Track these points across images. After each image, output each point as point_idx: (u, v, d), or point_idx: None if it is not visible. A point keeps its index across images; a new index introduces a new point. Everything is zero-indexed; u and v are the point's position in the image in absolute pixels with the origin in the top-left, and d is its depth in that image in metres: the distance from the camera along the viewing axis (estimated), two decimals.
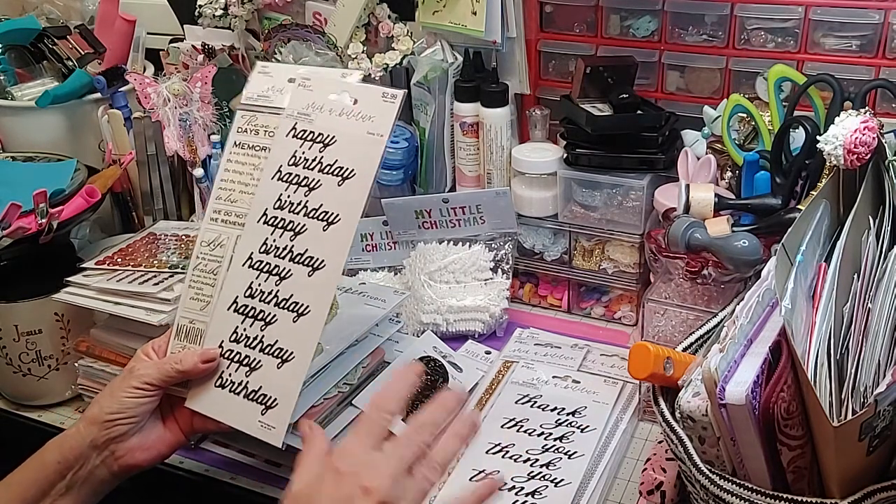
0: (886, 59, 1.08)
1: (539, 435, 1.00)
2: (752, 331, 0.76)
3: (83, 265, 1.08)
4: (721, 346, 0.75)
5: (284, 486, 0.97)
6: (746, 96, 1.10)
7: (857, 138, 0.81)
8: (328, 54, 1.28)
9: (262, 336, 0.85)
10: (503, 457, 0.97)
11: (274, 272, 0.85)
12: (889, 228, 0.78)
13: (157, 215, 1.31)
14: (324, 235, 0.83)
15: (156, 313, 0.98)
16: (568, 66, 1.26)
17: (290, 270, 0.84)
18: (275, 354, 0.84)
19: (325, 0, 1.33)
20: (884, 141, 0.83)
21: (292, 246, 0.84)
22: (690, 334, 0.88)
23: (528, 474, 0.94)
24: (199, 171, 1.24)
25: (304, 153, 0.86)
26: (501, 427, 1.01)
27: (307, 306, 0.83)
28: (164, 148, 1.26)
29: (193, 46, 1.41)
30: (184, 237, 1.12)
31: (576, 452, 0.97)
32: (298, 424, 0.80)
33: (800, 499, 0.69)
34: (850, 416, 0.67)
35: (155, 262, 1.06)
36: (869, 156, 0.82)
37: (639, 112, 1.17)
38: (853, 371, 0.69)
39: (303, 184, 0.85)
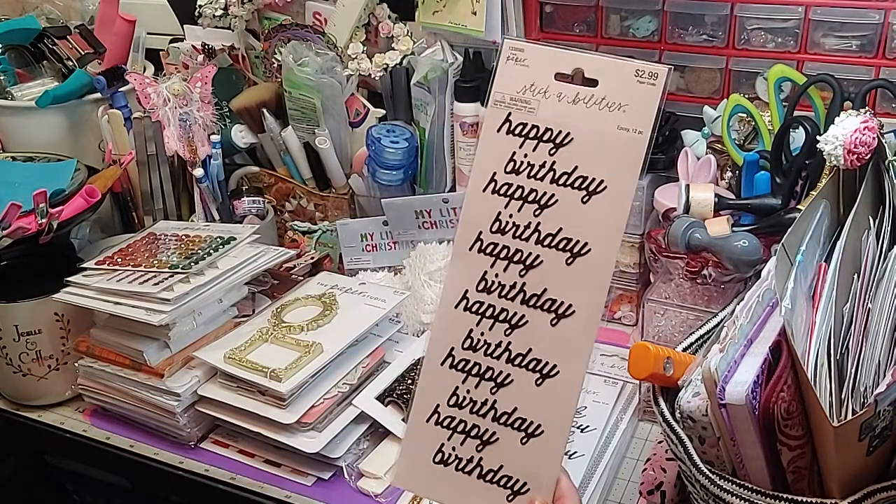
0: (886, 59, 1.08)
1: None
2: (752, 331, 0.75)
3: (83, 265, 1.08)
4: (721, 346, 0.75)
5: (284, 486, 0.98)
6: (746, 96, 1.10)
7: (857, 138, 0.81)
8: (328, 54, 1.28)
9: (495, 401, 0.65)
10: None
11: (501, 318, 0.65)
12: (889, 228, 0.78)
13: (157, 215, 1.31)
14: (568, 271, 0.63)
15: (156, 313, 0.98)
16: None
17: (523, 317, 0.64)
18: (515, 426, 0.64)
19: (325, 0, 1.33)
20: (884, 141, 0.83)
21: (523, 284, 0.64)
22: (690, 334, 0.88)
23: None
24: (199, 171, 1.24)
25: (525, 156, 0.64)
26: None
27: (553, 366, 0.63)
28: (164, 148, 1.26)
29: (193, 46, 1.41)
30: (184, 237, 1.12)
31: (576, 452, 0.97)
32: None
33: (800, 499, 0.69)
34: (850, 416, 0.67)
35: (155, 262, 1.06)
36: (869, 156, 0.82)
37: None
38: (853, 371, 0.69)
39: (529, 199, 0.64)
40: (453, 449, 0.66)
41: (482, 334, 0.65)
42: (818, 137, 0.85)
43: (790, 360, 0.70)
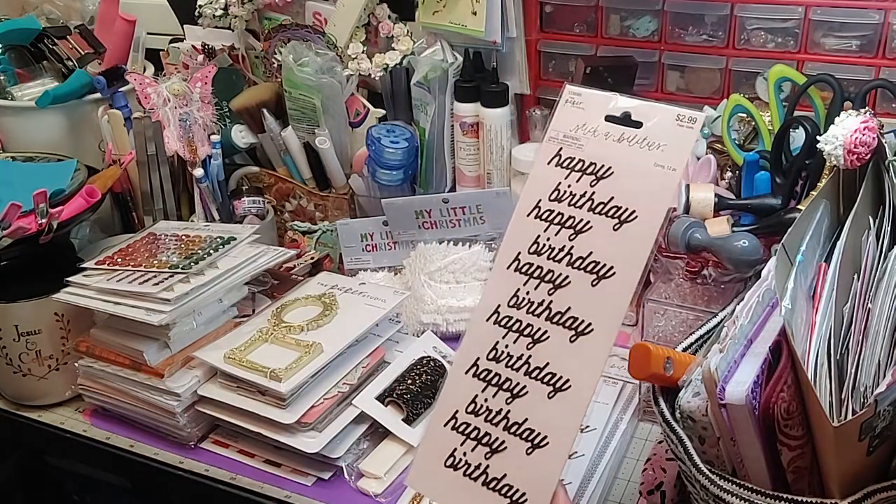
0: (886, 59, 1.08)
1: None
2: (752, 331, 0.75)
3: (83, 265, 1.08)
4: (721, 346, 0.75)
5: (284, 486, 0.98)
6: (746, 96, 1.10)
7: (857, 138, 0.81)
8: (328, 54, 1.28)
9: (508, 411, 0.68)
10: None
11: (526, 332, 0.69)
12: (889, 228, 0.78)
13: (157, 215, 1.31)
14: (592, 292, 0.67)
15: (156, 313, 0.98)
16: (568, 66, 1.26)
17: (546, 332, 0.68)
18: (523, 436, 0.67)
19: (325, 0, 1.33)
20: (884, 141, 0.83)
21: (550, 302, 0.68)
22: (690, 334, 0.88)
23: None
24: (199, 171, 1.24)
25: (569, 186, 0.70)
26: None
27: (567, 381, 0.67)
28: (164, 148, 1.26)
29: (193, 46, 1.41)
30: (184, 237, 1.12)
31: (576, 452, 0.97)
32: None
33: (800, 499, 0.69)
34: (850, 416, 0.67)
35: (155, 262, 1.06)
36: (869, 156, 0.82)
37: None
38: (853, 371, 0.69)
39: (567, 225, 0.69)
40: (464, 454, 0.69)
41: (506, 346, 0.69)
42: (818, 137, 0.85)
43: (790, 360, 0.70)
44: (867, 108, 0.97)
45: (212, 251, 1.07)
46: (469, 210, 1.22)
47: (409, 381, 1.03)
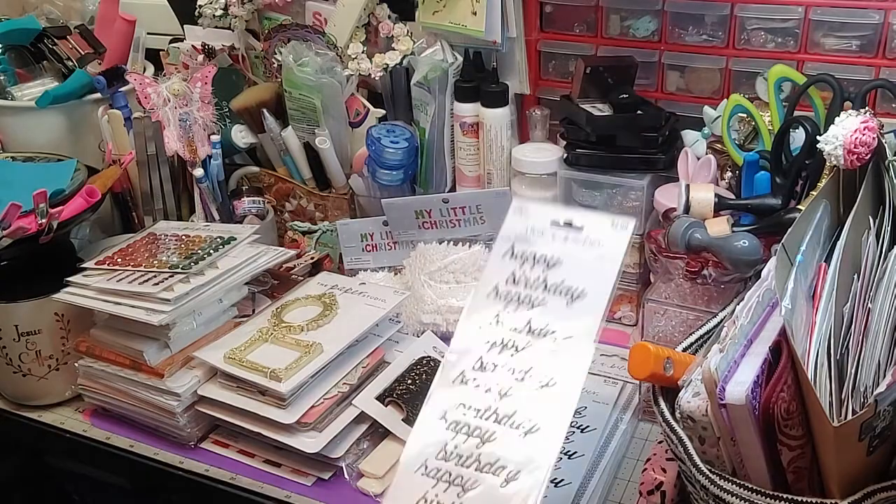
0: (886, 59, 1.08)
1: None
2: (752, 331, 0.76)
3: (83, 265, 1.08)
4: (721, 346, 0.75)
5: (284, 486, 0.98)
6: (746, 96, 1.10)
7: (857, 138, 0.81)
8: (328, 54, 1.28)
9: (479, 454, 0.74)
10: None
11: (493, 389, 0.76)
12: (889, 228, 0.78)
13: (157, 215, 1.31)
14: (552, 357, 0.75)
15: (156, 313, 0.99)
16: (568, 66, 1.26)
17: (511, 386, 0.76)
18: (496, 473, 0.73)
19: (325, 0, 1.33)
20: (884, 141, 0.83)
21: (514, 363, 0.76)
22: (690, 334, 0.88)
23: None
24: (199, 172, 1.24)
25: (524, 273, 0.79)
26: None
27: (535, 424, 0.73)
28: (164, 148, 1.26)
29: (193, 46, 1.41)
30: (184, 237, 1.12)
31: (576, 452, 0.97)
32: None
33: (800, 499, 0.69)
34: (850, 416, 0.67)
35: (155, 262, 1.06)
36: (869, 156, 0.82)
37: (639, 112, 1.17)
38: (853, 371, 0.69)
39: (524, 301, 0.78)
40: (436, 496, 0.74)
41: (476, 400, 0.76)
42: (818, 137, 0.85)
43: (790, 360, 0.70)
44: (867, 108, 0.96)
45: (212, 251, 1.07)
46: (469, 210, 1.22)
47: (409, 381, 1.03)
